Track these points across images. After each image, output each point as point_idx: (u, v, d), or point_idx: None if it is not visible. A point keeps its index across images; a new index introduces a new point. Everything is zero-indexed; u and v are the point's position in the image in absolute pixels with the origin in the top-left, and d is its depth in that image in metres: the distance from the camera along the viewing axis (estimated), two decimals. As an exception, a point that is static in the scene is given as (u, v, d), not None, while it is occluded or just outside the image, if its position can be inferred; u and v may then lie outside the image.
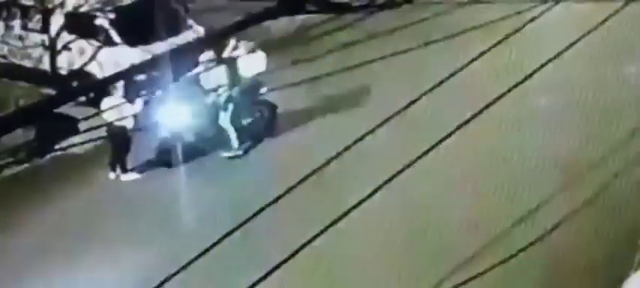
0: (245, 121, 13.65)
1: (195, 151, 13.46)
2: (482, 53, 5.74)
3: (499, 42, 6.08)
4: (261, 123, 13.88)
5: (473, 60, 5.68)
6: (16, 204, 12.77)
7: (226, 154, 13.58)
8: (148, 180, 13.28)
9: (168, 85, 13.25)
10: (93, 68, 15.44)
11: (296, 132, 14.22)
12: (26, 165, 13.73)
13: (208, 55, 13.40)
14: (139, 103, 13.17)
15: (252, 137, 13.75)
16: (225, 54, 13.48)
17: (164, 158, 13.29)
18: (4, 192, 13.10)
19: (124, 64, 13.85)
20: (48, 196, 12.97)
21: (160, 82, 13.36)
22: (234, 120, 13.48)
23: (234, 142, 13.54)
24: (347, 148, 5.38)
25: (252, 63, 13.56)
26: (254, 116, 13.80)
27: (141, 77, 13.57)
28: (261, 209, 4.83)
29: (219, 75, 13.21)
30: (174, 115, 13.14)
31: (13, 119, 3.92)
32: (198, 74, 13.31)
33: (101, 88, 13.42)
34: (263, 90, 13.72)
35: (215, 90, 13.20)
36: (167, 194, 12.88)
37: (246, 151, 13.67)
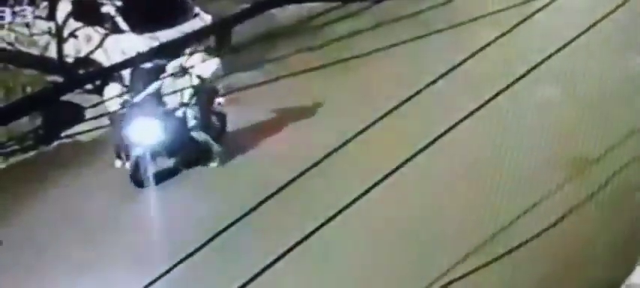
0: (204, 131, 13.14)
1: (168, 172, 13.00)
2: (489, 43, 5.74)
3: (505, 33, 6.07)
4: (215, 132, 13.34)
5: (478, 50, 5.68)
6: (22, 191, 12.80)
7: (213, 165, 13.19)
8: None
9: (134, 101, 12.77)
10: (99, 56, 15.46)
11: (293, 127, 14.12)
12: (33, 152, 13.76)
13: (173, 66, 12.92)
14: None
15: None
16: (183, 64, 12.98)
17: (136, 178, 12.64)
18: (11, 179, 13.15)
19: (131, 52, 13.89)
20: (54, 183, 12.99)
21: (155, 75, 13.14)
22: (203, 129, 13.10)
23: (218, 148, 13.18)
24: (348, 141, 5.36)
25: (206, 70, 13.06)
26: (212, 125, 13.32)
27: (147, 65, 13.56)
28: (261, 202, 4.84)
29: (180, 86, 12.80)
30: (144, 131, 12.57)
31: (19, 107, 3.94)
32: (160, 87, 12.87)
33: (107, 75, 13.45)
34: (220, 100, 13.26)
35: (183, 103, 12.79)
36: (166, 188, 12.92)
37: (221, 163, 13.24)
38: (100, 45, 15.46)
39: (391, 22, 8.29)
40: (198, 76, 12.88)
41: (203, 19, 16.12)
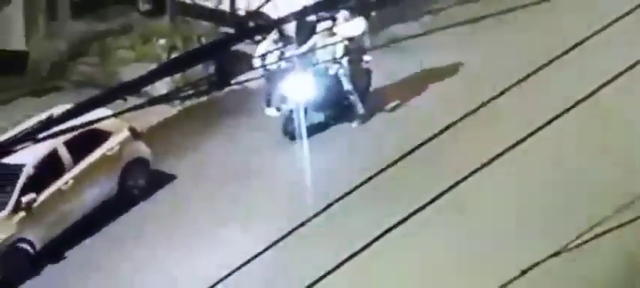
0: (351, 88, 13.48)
1: (318, 125, 13.45)
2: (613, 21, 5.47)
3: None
4: (361, 90, 13.63)
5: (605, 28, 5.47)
6: (195, 131, 13.81)
7: (355, 124, 13.57)
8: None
9: (294, 55, 13.25)
10: (268, 9, 16.10)
11: (442, 84, 14.16)
12: (206, 97, 14.73)
13: (324, 25, 13.34)
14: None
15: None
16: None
17: (288, 130, 13.18)
18: (186, 120, 14.17)
19: (298, 6, 14.44)
20: (222, 125, 13.93)
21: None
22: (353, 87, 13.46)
23: (361, 109, 13.53)
24: (494, 98, 5.25)
25: (353, 29, 13.45)
26: (358, 83, 13.62)
27: (312, 18, 14.11)
28: (388, 165, 4.99)
29: (332, 45, 13.19)
30: (299, 86, 12.98)
31: (196, 55, 4.25)
32: (314, 45, 13.27)
33: (275, 28, 14.12)
34: (366, 57, 13.56)
35: (333, 60, 13.12)
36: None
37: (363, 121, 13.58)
38: (269, -1, 16.10)
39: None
40: (347, 37, 13.31)
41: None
